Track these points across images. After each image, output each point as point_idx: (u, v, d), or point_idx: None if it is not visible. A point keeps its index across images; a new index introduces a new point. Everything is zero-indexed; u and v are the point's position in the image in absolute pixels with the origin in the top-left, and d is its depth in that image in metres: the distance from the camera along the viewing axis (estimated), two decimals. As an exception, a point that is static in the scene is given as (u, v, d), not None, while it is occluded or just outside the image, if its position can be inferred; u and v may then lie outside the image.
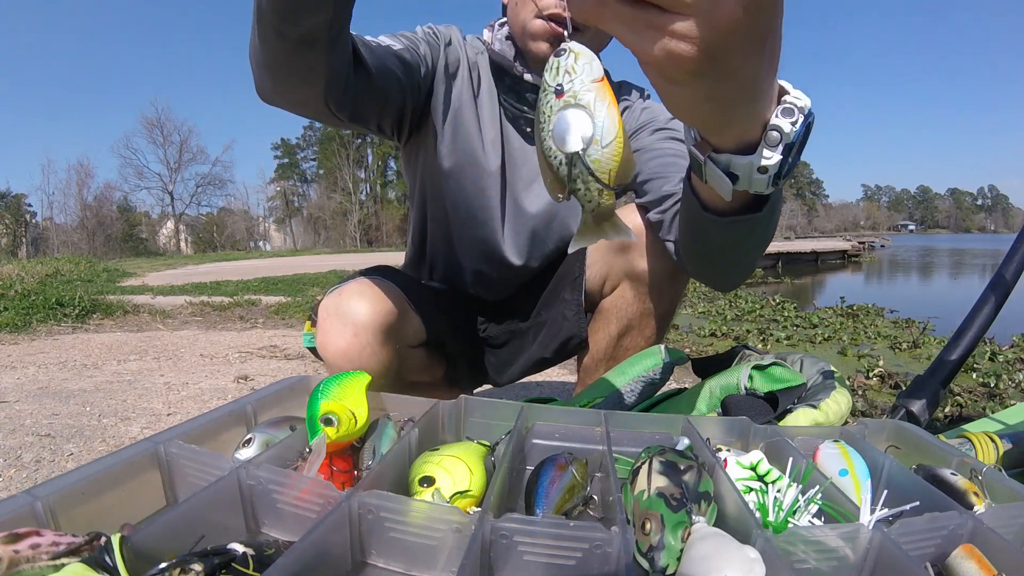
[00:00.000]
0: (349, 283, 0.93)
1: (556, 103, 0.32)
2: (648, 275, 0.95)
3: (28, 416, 1.55)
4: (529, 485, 0.57)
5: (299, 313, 3.88)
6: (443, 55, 0.95)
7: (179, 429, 0.60)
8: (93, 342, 2.82)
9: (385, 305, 0.89)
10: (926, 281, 10.53)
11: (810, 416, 0.74)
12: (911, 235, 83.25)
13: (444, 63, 0.95)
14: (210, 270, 9.94)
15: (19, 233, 32.24)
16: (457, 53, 0.97)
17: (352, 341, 0.86)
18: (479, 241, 1.04)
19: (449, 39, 0.97)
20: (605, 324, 1.01)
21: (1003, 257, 1.10)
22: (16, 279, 5.17)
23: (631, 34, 0.34)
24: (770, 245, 0.66)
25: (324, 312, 0.90)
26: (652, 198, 0.90)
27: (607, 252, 0.99)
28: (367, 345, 0.86)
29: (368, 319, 0.86)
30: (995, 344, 2.74)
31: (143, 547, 0.40)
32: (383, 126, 0.91)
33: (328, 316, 0.89)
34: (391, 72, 0.83)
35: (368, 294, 0.89)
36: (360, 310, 0.87)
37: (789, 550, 0.43)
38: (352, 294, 0.89)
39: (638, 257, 0.95)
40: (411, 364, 1.02)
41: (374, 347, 0.87)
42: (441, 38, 0.97)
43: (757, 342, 3.07)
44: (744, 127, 0.43)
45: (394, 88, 0.84)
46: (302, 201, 45.04)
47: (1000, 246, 21.72)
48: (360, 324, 0.86)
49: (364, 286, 0.91)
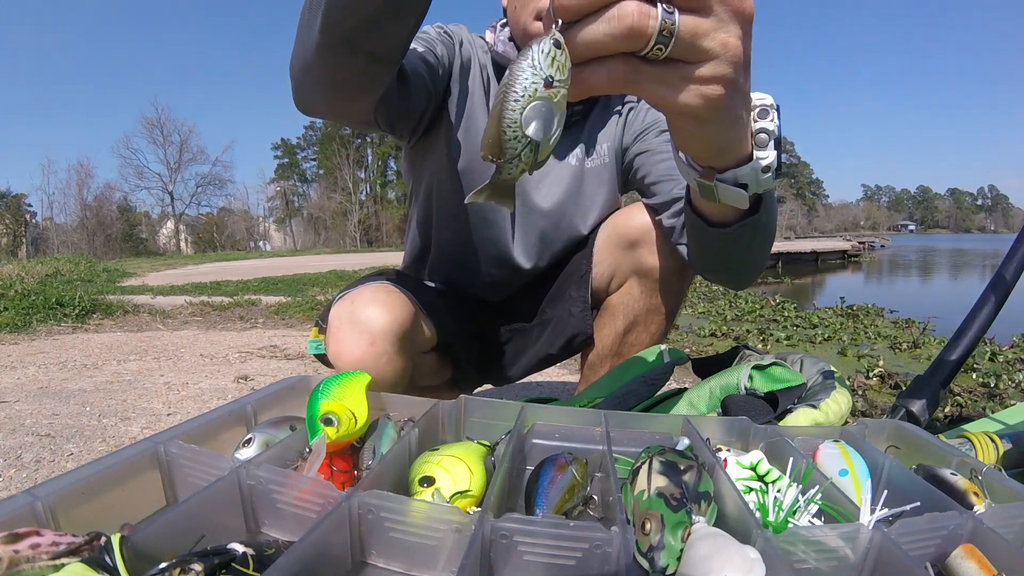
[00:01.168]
0: (360, 289, 0.90)
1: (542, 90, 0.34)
2: (655, 272, 0.96)
3: (28, 416, 1.55)
4: (529, 485, 0.57)
5: (299, 313, 3.88)
6: (458, 55, 0.94)
7: (179, 429, 0.60)
8: (93, 342, 2.82)
9: (400, 312, 0.86)
10: (926, 281, 10.53)
11: (810, 416, 0.74)
12: (911, 235, 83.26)
13: (459, 63, 0.94)
14: (210, 270, 9.94)
15: (19, 233, 32.23)
16: (469, 53, 0.97)
17: (368, 350, 0.82)
18: (488, 243, 1.03)
19: (461, 39, 0.97)
20: (611, 320, 1.01)
21: (1003, 257, 1.10)
22: (16, 279, 5.18)
23: (666, 90, 0.37)
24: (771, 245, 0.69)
25: (337, 320, 0.86)
26: (662, 200, 0.91)
27: (615, 250, 1.00)
28: (383, 353, 0.83)
29: (384, 327, 0.83)
30: (995, 344, 2.74)
31: (143, 547, 0.40)
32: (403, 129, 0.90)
33: (342, 324, 0.85)
34: (421, 78, 0.82)
35: (383, 300, 0.86)
36: (376, 317, 0.83)
37: (789, 550, 0.43)
38: (366, 301, 0.85)
39: (646, 254, 0.96)
40: (423, 369, 1.01)
41: (391, 355, 0.84)
42: (455, 38, 0.96)
43: (757, 342, 3.07)
44: (745, 141, 0.47)
45: (423, 94, 0.83)
46: (302, 201, 45.09)
47: (1000, 246, 21.72)
48: (377, 332, 0.83)
49: (377, 292, 0.87)
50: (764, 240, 0.66)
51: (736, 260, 0.73)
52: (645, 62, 0.36)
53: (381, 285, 0.90)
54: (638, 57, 0.36)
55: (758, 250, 0.69)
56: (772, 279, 8.80)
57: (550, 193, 1.02)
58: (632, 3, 0.33)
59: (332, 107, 0.67)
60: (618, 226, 1.00)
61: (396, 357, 0.85)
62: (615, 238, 1.00)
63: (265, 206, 44.40)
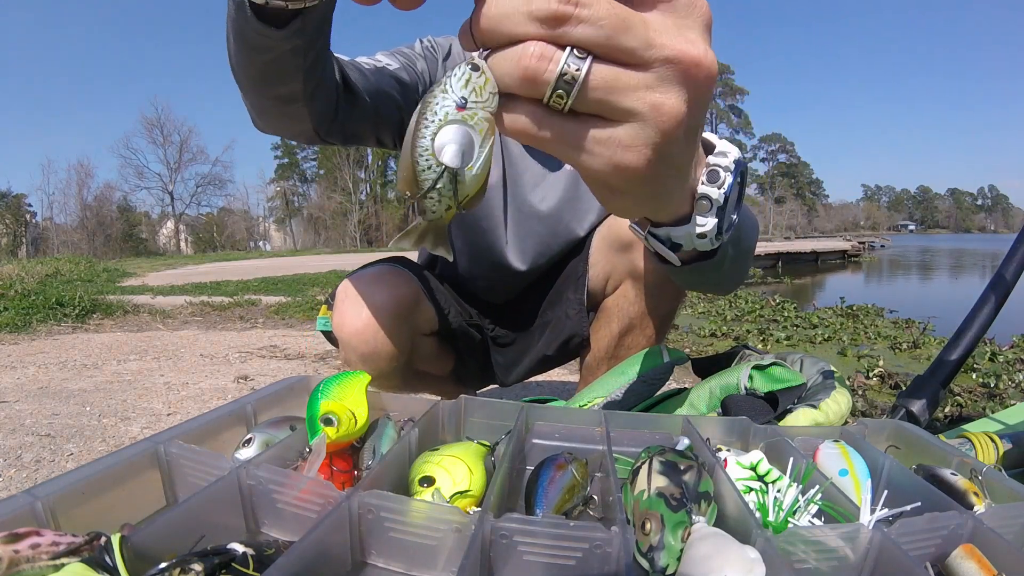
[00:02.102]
0: (368, 268, 0.95)
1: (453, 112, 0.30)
2: (650, 275, 0.95)
3: (28, 416, 1.55)
4: (529, 485, 0.57)
5: (299, 313, 3.89)
6: (441, 68, 0.97)
7: (179, 429, 0.60)
8: (93, 342, 2.82)
9: (401, 290, 0.92)
10: (926, 281, 10.54)
11: (810, 416, 0.74)
12: (911, 235, 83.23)
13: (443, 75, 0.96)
14: (210, 270, 9.94)
15: (19, 233, 32.23)
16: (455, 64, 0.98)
17: (368, 322, 0.88)
18: (484, 249, 1.05)
19: (448, 51, 1.00)
20: (607, 323, 1.01)
21: (1003, 257, 1.10)
22: (16, 279, 5.18)
23: (569, 149, 0.31)
24: (771, 245, 0.66)
25: (342, 294, 0.92)
26: None
27: (610, 252, 1.00)
28: (383, 327, 0.88)
29: (385, 302, 0.89)
30: (995, 344, 2.74)
31: (143, 547, 0.40)
32: (383, 141, 0.92)
33: (346, 298, 0.91)
34: (385, 93, 0.85)
35: (386, 279, 0.92)
36: (377, 293, 0.89)
37: (789, 550, 0.43)
38: (370, 278, 0.92)
39: (640, 257, 0.95)
40: (422, 352, 1.04)
41: (389, 329, 0.89)
42: (439, 51, 0.99)
43: (757, 342, 3.07)
44: (679, 204, 0.41)
45: (390, 107, 0.86)
46: (302, 201, 45.11)
47: (1000, 246, 21.73)
48: (377, 306, 0.88)
49: (382, 272, 0.93)
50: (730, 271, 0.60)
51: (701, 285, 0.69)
52: (551, 112, 0.30)
53: (388, 266, 0.96)
54: (543, 106, 0.30)
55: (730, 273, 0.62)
56: (772, 279, 8.80)
57: (547, 197, 1.03)
58: (535, 43, 0.28)
59: (270, 130, 0.74)
60: (613, 229, 1.00)
61: (394, 332, 0.89)
62: (610, 240, 1.00)
63: (265, 206, 44.46)
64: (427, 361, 1.07)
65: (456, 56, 0.99)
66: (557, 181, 1.02)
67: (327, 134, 0.77)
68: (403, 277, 0.94)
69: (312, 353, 2.57)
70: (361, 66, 0.83)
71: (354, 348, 0.90)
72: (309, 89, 0.66)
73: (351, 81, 0.76)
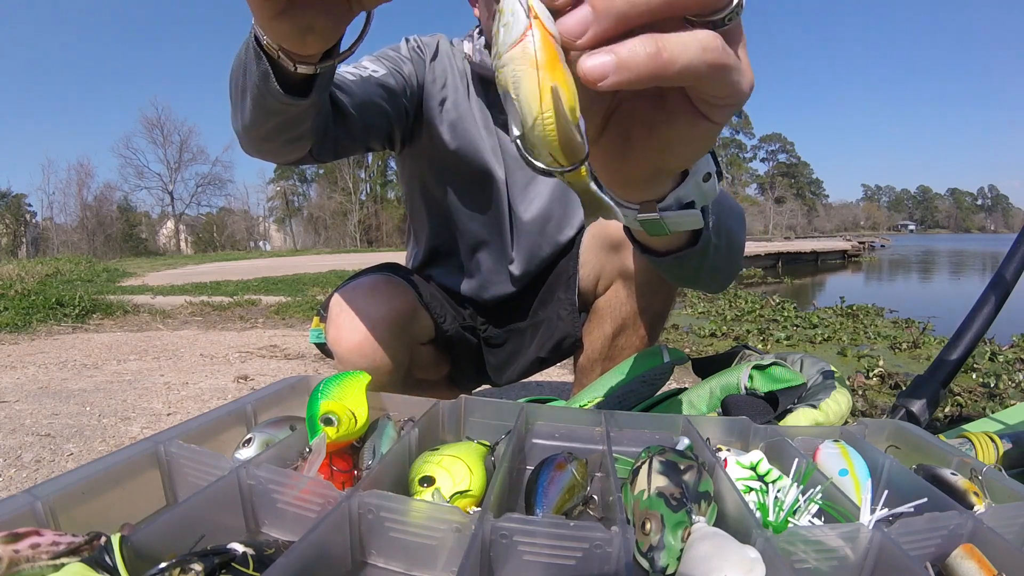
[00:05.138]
0: (361, 279, 0.92)
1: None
2: (641, 274, 0.94)
3: (28, 416, 1.55)
4: (529, 485, 0.57)
5: (299, 313, 3.88)
6: (428, 69, 0.96)
7: (179, 429, 0.60)
8: (93, 342, 2.82)
9: (398, 301, 0.89)
10: (926, 281, 10.54)
11: (810, 416, 0.74)
12: (911, 235, 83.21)
13: (432, 77, 0.96)
14: (210, 270, 9.94)
15: (19, 233, 32.24)
16: (444, 64, 0.98)
17: (366, 337, 0.85)
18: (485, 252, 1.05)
19: (436, 51, 0.98)
20: (599, 324, 1.00)
21: (1003, 257, 1.10)
22: (16, 279, 5.18)
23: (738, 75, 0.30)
24: (771, 245, 0.66)
25: (337, 308, 0.88)
26: None
27: (599, 251, 0.99)
28: (380, 341, 0.85)
29: (382, 315, 0.86)
30: (995, 344, 2.74)
31: (143, 547, 0.40)
32: (372, 148, 0.92)
33: (341, 312, 0.87)
34: (372, 104, 0.84)
35: (382, 290, 0.89)
36: (373, 306, 0.86)
37: (789, 550, 0.43)
38: (366, 290, 0.88)
39: (630, 257, 0.94)
40: (420, 361, 1.03)
41: (387, 343, 0.86)
42: (427, 52, 0.97)
43: (757, 342, 3.07)
44: None
45: (378, 117, 0.86)
46: (302, 201, 45.09)
47: (1000, 246, 21.73)
48: (374, 320, 0.85)
49: (377, 282, 0.90)
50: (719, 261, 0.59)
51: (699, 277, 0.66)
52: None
53: (382, 276, 0.93)
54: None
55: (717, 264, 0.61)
56: (772, 279, 8.80)
57: (535, 200, 1.03)
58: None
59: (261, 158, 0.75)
60: (602, 227, 0.98)
61: (392, 345, 0.87)
62: (599, 239, 0.99)
63: (265, 206, 44.43)
64: (424, 369, 1.06)
65: (444, 55, 0.98)
66: (545, 185, 1.02)
67: (319, 155, 0.77)
68: (398, 288, 0.91)
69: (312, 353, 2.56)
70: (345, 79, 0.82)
71: (353, 364, 0.86)
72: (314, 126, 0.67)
73: (339, 102, 0.76)
